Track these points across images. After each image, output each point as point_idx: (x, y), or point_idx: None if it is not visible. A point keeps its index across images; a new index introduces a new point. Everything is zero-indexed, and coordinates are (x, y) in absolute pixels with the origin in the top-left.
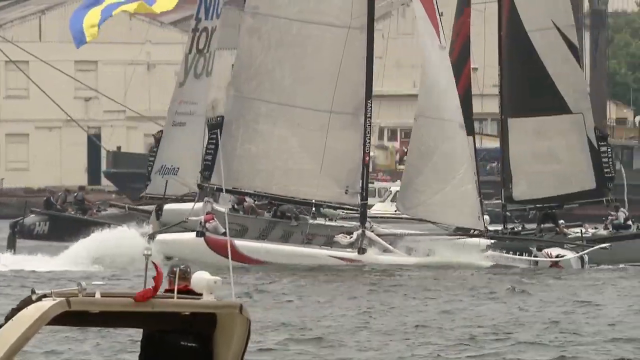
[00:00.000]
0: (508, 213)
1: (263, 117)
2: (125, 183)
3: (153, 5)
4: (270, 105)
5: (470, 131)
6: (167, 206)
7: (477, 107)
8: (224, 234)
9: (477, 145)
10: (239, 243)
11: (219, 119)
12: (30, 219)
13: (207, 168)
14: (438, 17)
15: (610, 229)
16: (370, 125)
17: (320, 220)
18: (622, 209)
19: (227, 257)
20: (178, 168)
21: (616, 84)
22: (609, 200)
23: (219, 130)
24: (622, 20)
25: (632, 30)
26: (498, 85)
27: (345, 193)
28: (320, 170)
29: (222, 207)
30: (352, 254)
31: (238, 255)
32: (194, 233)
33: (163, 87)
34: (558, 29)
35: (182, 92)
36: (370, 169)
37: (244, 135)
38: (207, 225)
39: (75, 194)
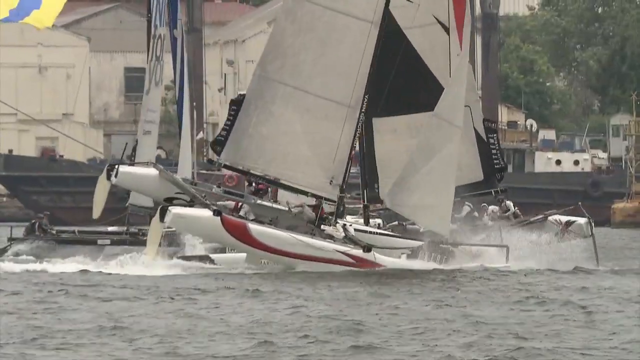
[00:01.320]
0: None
1: (279, 99)
2: (17, 186)
3: (29, 17)
4: (287, 89)
5: None
6: (123, 168)
7: None
8: (246, 217)
9: None
10: (253, 227)
11: (241, 96)
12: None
13: (219, 143)
14: (465, 23)
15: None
16: (363, 120)
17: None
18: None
19: (241, 241)
20: None
21: (508, 87)
22: (498, 192)
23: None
24: (513, 24)
25: (523, 34)
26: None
27: (330, 184)
28: (314, 158)
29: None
30: (358, 252)
31: (251, 240)
32: (211, 211)
33: (55, 90)
34: (441, 24)
35: (148, 100)
36: None
37: (260, 115)
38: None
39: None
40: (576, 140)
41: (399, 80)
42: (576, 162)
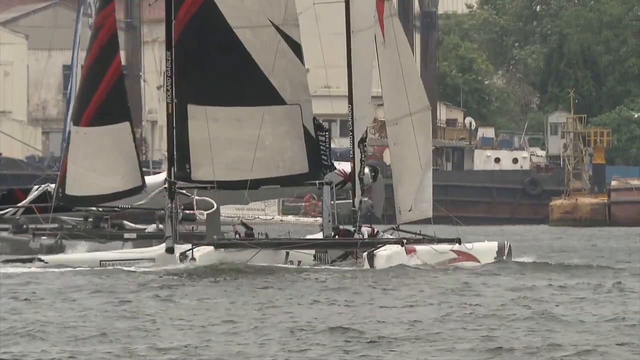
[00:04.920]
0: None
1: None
2: None
3: None
4: None
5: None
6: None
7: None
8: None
9: None
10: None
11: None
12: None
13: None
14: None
15: None
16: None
17: None
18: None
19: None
20: None
21: (446, 85)
22: (321, 184)
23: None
24: (452, 22)
25: (462, 32)
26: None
27: None
28: None
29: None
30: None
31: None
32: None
33: None
34: (276, 27)
35: None
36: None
37: None
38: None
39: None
40: (515, 139)
41: (225, 73)
42: (515, 160)
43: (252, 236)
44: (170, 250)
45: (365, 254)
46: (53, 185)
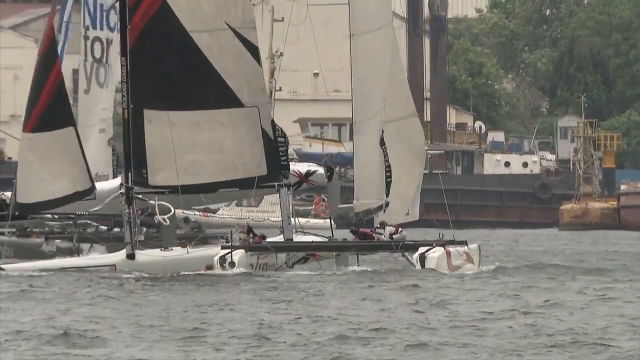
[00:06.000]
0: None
1: None
2: None
3: None
4: None
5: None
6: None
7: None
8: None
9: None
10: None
11: None
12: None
13: None
14: None
15: None
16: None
17: None
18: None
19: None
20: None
21: (456, 89)
22: (281, 185)
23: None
24: (462, 26)
25: (472, 36)
26: (125, 80)
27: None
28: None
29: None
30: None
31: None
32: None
33: (2, 92)
34: (233, 30)
35: (95, 99)
36: None
37: None
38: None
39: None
40: (525, 143)
41: (182, 78)
42: (525, 164)
43: (264, 239)
44: (131, 256)
45: (416, 255)
46: (8, 194)
